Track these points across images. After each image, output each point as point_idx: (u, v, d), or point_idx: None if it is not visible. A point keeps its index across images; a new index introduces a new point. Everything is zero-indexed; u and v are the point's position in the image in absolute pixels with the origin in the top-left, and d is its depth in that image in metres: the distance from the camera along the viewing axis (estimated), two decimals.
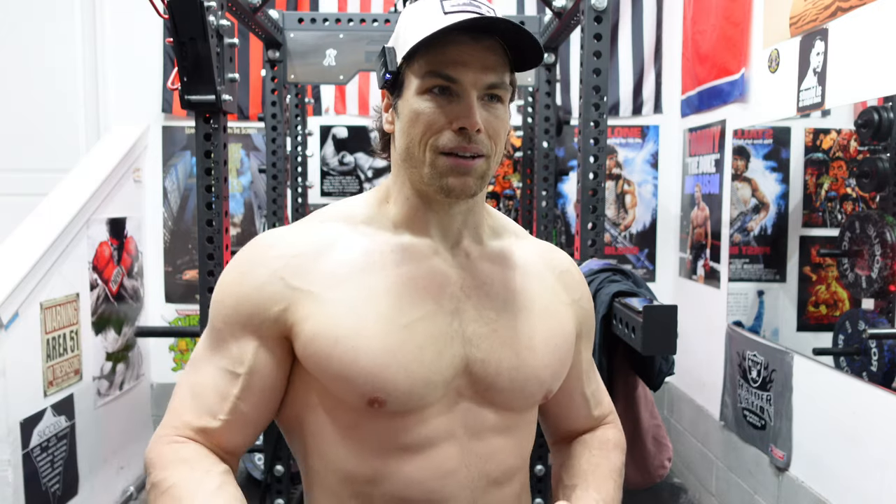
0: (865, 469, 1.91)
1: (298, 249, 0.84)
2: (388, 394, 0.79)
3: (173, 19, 1.52)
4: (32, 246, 2.48)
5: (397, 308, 0.82)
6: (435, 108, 0.80)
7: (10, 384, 2.25)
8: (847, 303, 2.15)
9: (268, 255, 0.84)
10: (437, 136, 0.80)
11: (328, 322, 0.80)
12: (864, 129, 1.97)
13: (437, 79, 0.79)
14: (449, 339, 0.83)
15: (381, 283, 0.83)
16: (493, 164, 0.83)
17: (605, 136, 1.76)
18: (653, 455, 1.71)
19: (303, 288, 0.82)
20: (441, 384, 0.82)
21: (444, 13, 0.78)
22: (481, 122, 0.79)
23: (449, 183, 0.81)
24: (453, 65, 0.78)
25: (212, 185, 1.72)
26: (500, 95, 0.82)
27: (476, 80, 0.79)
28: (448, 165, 0.80)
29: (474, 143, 0.80)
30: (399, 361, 0.80)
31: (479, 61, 0.79)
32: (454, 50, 0.78)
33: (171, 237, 3.51)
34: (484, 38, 0.79)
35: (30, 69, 3.42)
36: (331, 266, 0.83)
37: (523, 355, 0.85)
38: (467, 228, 0.89)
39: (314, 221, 0.89)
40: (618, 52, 3.43)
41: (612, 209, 3.54)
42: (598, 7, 1.71)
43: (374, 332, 0.80)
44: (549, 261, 0.95)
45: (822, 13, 2.08)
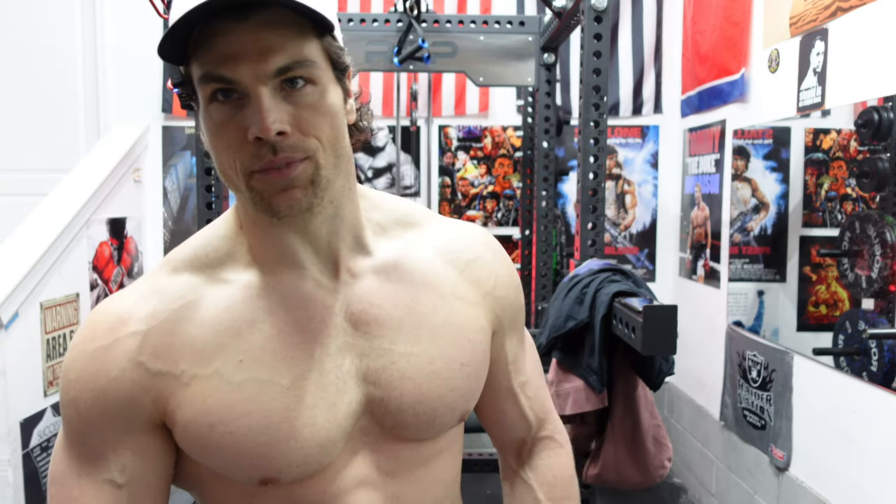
0: (865, 469, 1.91)
1: (154, 321, 0.69)
2: (279, 471, 0.69)
3: None
4: (32, 246, 2.48)
5: (276, 368, 0.69)
6: (225, 121, 0.64)
7: (10, 384, 2.25)
8: (847, 303, 2.15)
9: (119, 336, 0.68)
10: (240, 154, 0.64)
11: (200, 407, 0.68)
12: (864, 129, 1.97)
13: (214, 83, 0.63)
14: (342, 385, 0.72)
15: (254, 343, 0.69)
16: (326, 161, 0.67)
17: (605, 136, 1.76)
18: (653, 455, 1.71)
19: (166, 371, 0.68)
20: (340, 438, 0.72)
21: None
22: (283, 122, 0.63)
23: (273, 204, 0.66)
24: (223, 61, 0.62)
25: (212, 185, 1.72)
26: (303, 75, 0.64)
27: (257, 72, 0.62)
28: (265, 184, 0.65)
29: (283, 152, 0.64)
30: (287, 433, 0.68)
31: (254, 46, 0.61)
32: (221, 41, 0.61)
33: (171, 237, 3.51)
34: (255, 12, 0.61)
35: (30, 69, 3.42)
36: (193, 336, 0.69)
37: (425, 385, 0.74)
38: (341, 240, 0.74)
39: (162, 275, 0.73)
40: (618, 52, 3.43)
41: (612, 209, 3.54)
42: (598, 7, 1.72)
43: (253, 406, 0.68)
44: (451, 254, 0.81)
45: (822, 13, 2.08)
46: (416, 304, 0.76)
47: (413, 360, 0.74)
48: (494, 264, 0.84)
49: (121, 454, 0.69)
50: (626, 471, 1.72)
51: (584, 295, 1.65)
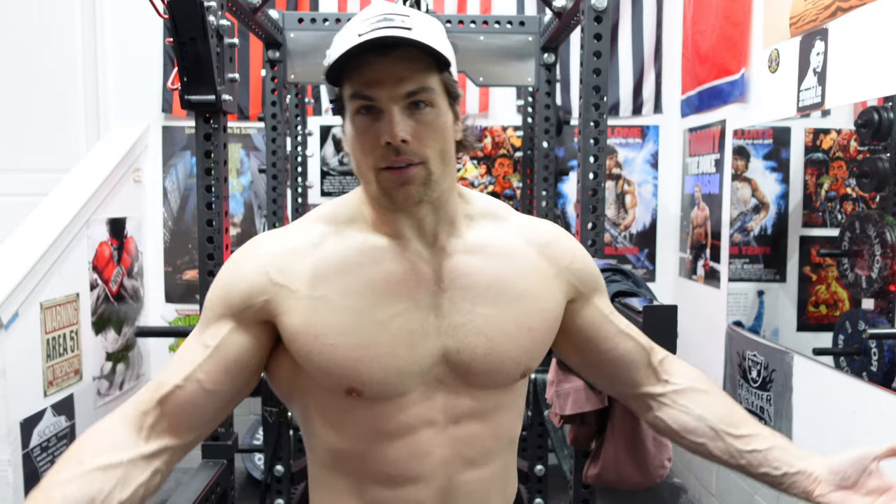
0: None
1: (284, 249, 0.91)
2: (363, 384, 0.87)
3: (173, 19, 1.52)
4: (32, 246, 2.48)
5: (373, 305, 0.88)
6: (365, 129, 0.85)
7: (10, 384, 2.25)
8: (847, 303, 2.15)
9: (257, 253, 0.92)
10: (373, 154, 0.85)
11: (308, 319, 0.87)
12: (864, 129, 1.97)
13: (360, 100, 0.84)
14: (424, 334, 0.89)
15: (359, 281, 0.89)
16: (436, 167, 0.87)
17: (605, 136, 1.76)
18: (653, 455, 1.70)
19: (285, 284, 0.88)
20: (416, 374, 0.89)
21: (358, 35, 0.82)
22: (406, 133, 0.83)
23: (393, 196, 0.86)
24: (368, 85, 0.83)
25: (212, 185, 1.73)
26: (425, 100, 0.85)
27: (392, 94, 0.83)
28: (388, 180, 0.86)
29: (403, 154, 0.84)
30: (373, 355, 0.87)
31: (391, 75, 0.83)
32: (367, 70, 0.83)
33: (171, 237, 3.51)
34: (395, 50, 0.82)
35: (30, 69, 3.42)
36: (313, 265, 0.89)
37: (496, 340, 0.91)
38: (441, 225, 0.92)
39: (304, 222, 0.95)
40: (618, 52, 3.43)
41: (612, 209, 3.54)
42: (598, 7, 1.71)
43: (349, 327, 0.87)
44: (531, 237, 0.98)
45: (822, 13, 2.08)
46: (500, 276, 0.93)
47: (489, 320, 0.91)
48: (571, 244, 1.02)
49: (221, 328, 0.90)
50: (626, 471, 1.72)
51: None
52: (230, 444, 1.81)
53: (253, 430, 3.40)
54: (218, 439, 1.79)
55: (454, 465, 0.92)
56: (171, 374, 0.89)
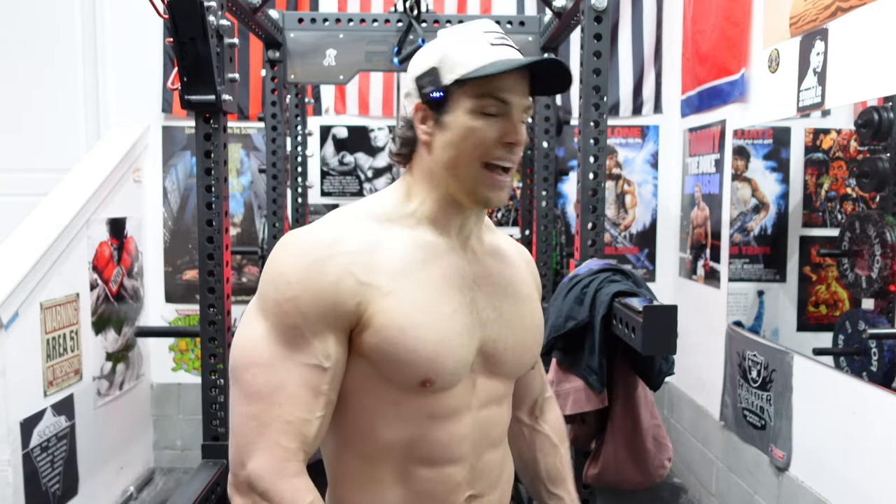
0: (865, 469, 1.91)
1: (358, 245, 0.91)
2: (438, 375, 0.91)
3: (173, 19, 1.52)
4: (32, 246, 2.48)
5: (440, 299, 0.93)
6: (487, 126, 0.92)
7: (10, 384, 2.25)
8: (847, 303, 2.15)
9: (334, 251, 0.89)
10: (486, 150, 0.93)
11: (394, 314, 0.89)
12: (864, 129, 1.97)
13: (493, 100, 0.92)
14: (472, 326, 0.96)
15: (428, 276, 0.94)
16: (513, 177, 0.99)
17: (605, 136, 1.76)
18: (653, 455, 1.71)
19: (371, 283, 0.89)
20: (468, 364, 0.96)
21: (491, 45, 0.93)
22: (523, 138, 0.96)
23: (489, 196, 0.95)
24: (506, 90, 0.93)
25: (212, 185, 1.73)
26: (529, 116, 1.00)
27: (519, 103, 0.94)
28: (489, 180, 0.94)
29: (514, 155, 0.95)
30: (448, 347, 0.92)
31: (521, 88, 0.95)
32: (507, 79, 0.93)
33: (171, 237, 3.51)
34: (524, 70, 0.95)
35: (30, 70, 3.42)
36: (385, 261, 0.91)
37: (520, 334, 1.02)
38: (476, 228, 1.03)
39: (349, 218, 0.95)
40: (618, 52, 3.43)
41: (612, 209, 3.54)
42: (598, 7, 1.71)
43: (429, 321, 0.91)
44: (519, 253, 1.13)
45: (822, 13, 2.08)
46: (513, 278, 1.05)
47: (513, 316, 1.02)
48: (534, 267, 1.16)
49: (327, 343, 0.89)
50: (626, 471, 1.72)
51: (584, 295, 1.65)
52: None
53: None
54: (218, 439, 1.79)
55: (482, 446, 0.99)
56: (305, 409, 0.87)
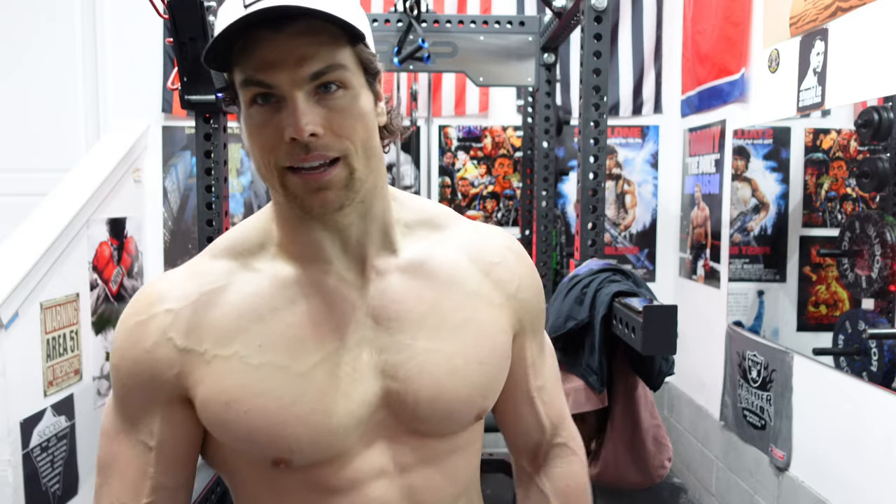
0: (865, 469, 1.91)
1: (187, 301, 0.75)
2: (291, 452, 0.73)
3: (173, 19, 1.52)
4: (32, 246, 2.48)
5: (293, 355, 0.74)
6: (264, 123, 0.69)
7: (10, 384, 2.25)
8: (847, 303, 2.15)
9: (156, 312, 0.75)
10: (276, 153, 0.69)
11: (218, 385, 0.73)
12: (864, 129, 1.97)
13: (254, 87, 0.68)
14: (358, 377, 0.75)
15: (274, 329, 0.74)
16: (359, 162, 0.71)
17: (605, 136, 1.76)
18: (653, 455, 1.71)
19: (191, 349, 0.74)
20: (353, 427, 0.75)
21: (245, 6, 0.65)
22: (316, 124, 0.67)
23: (306, 203, 0.70)
24: (262, 68, 0.67)
25: (212, 185, 1.73)
26: (336, 80, 0.69)
27: (293, 77, 0.66)
28: (298, 184, 0.70)
29: (315, 151, 0.68)
30: (298, 416, 0.72)
31: (290, 54, 0.66)
32: (260, 49, 0.66)
33: (171, 237, 3.51)
34: (291, 23, 0.66)
35: (30, 69, 3.42)
36: (219, 318, 0.74)
37: (444, 380, 0.77)
38: (370, 238, 0.78)
39: (205, 259, 0.79)
40: (618, 52, 3.43)
41: (612, 209, 3.54)
42: (598, 7, 1.71)
43: (267, 388, 0.73)
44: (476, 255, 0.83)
45: (822, 13, 2.08)
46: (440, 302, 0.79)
47: (433, 356, 0.77)
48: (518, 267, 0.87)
49: (151, 419, 0.76)
50: (626, 471, 1.72)
51: (584, 295, 1.65)
52: None
53: None
54: None
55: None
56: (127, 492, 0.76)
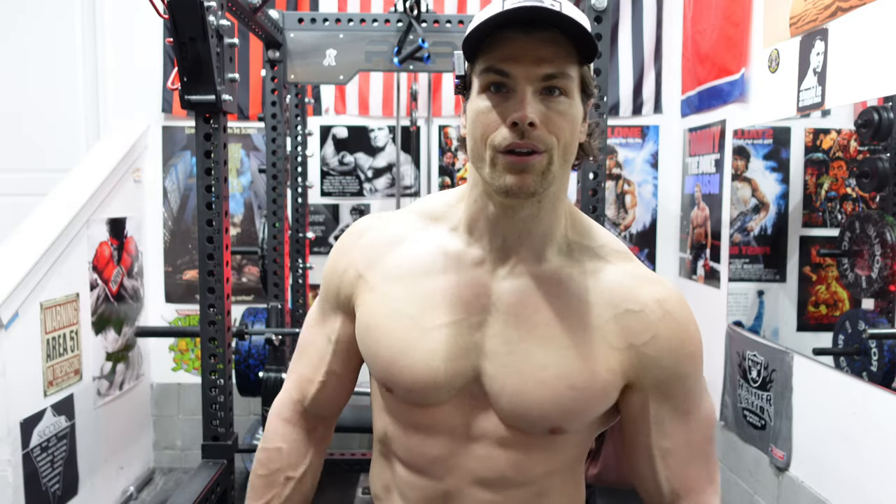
0: (865, 469, 1.91)
1: (376, 242, 0.94)
2: (394, 384, 0.90)
3: (173, 19, 1.51)
4: (32, 246, 2.48)
5: (426, 312, 0.88)
6: (491, 106, 0.79)
7: (10, 384, 2.25)
8: (847, 303, 2.15)
9: (356, 244, 0.96)
10: (494, 134, 0.79)
11: (369, 311, 0.92)
12: (864, 129, 1.97)
13: (492, 74, 0.79)
14: (465, 350, 0.86)
15: (423, 286, 0.89)
16: (557, 160, 0.80)
17: (605, 136, 1.76)
18: None
19: (366, 277, 0.93)
20: (445, 389, 0.87)
21: (503, 9, 0.77)
22: (536, 116, 0.77)
23: (507, 181, 0.79)
24: (505, 60, 0.78)
25: (212, 185, 1.72)
26: (561, 87, 0.79)
27: (529, 73, 0.77)
28: (506, 163, 0.79)
29: (528, 139, 0.78)
30: (406, 361, 0.87)
31: (531, 54, 0.77)
32: (507, 45, 0.78)
33: (171, 237, 3.51)
34: (537, 31, 0.77)
35: (30, 69, 3.42)
36: (389, 262, 0.92)
37: (530, 384, 0.84)
38: (527, 240, 0.87)
39: (404, 213, 0.98)
40: (618, 52, 3.43)
41: (612, 209, 3.54)
42: (598, 7, 1.71)
43: (395, 329, 0.88)
44: (617, 298, 0.86)
45: (822, 13, 2.08)
46: (559, 320, 0.85)
47: (529, 360, 0.85)
48: (658, 324, 0.87)
49: (334, 321, 0.98)
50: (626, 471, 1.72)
51: None
52: (230, 444, 1.80)
53: (253, 430, 3.40)
54: (218, 439, 1.79)
55: (465, 479, 0.90)
56: (311, 369, 1.01)
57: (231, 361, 1.88)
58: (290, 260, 2.87)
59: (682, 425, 0.90)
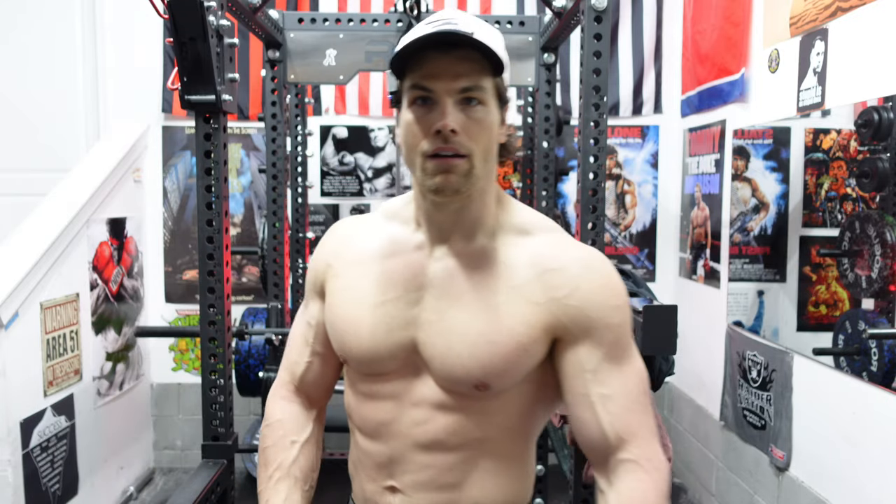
0: (865, 469, 1.91)
1: (343, 236, 1.10)
2: (349, 357, 1.03)
3: (173, 19, 1.52)
4: (32, 246, 2.48)
5: (371, 292, 1.01)
6: (418, 117, 0.92)
7: (10, 384, 2.25)
8: (847, 303, 2.15)
9: (330, 239, 1.11)
10: (422, 142, 0.92)
11: (333, 292, 1.06)
12: (864, 129, 1.97)
13: (417, 90, 0.92)
14: (403, 323, 0.99)
15: (373, 270, 1.02)
16: (478, 162, 0.93)
17: (605, 136, 1.76)
18: None
19: (333, 267, 1.07)
20: (388, 359, 1.00)
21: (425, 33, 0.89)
22: (456, 124, 0.90)
23: (435, 182, 0.92)
24: (427, 77, 0.91)
25: (212, 185, 1.72)
26: (477, 97, 0.92)
27: (448, 87, 0.90)
28: (432, 166, 0.92)
29: (451, 144, 0.90)
30: (355, 334, 1.01)
31: (449, 70, 0.90)
32: (429, 64, 0.91)
33: (171, 237, 3.51)
34: (455, 49, 0.90)
35: (30, 69, 3.42)
36: (350, 251, 1.06)
37: (454, 345, 0.95)
38: (459, 228, 0.99)
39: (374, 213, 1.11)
40: (618, 52, 3.43)
41: (612, 209, 3.54)
42: (598, 7, 1.71)
43: (348, 307, 1.03)
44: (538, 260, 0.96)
45: (822, 13, 2.08)
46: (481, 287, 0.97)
47: (454, 324, 0.96)
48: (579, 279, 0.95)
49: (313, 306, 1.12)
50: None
51: None
52: (230, 444, 1.81)
53: (253, 430, 3.40)
54: (218, 439, 1.79)
55: (405, 442, 1.00)
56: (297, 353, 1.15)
57: (231, 361, 1.88)
58: (290, 260, 2.87)
59: (618, 373, 0.96)
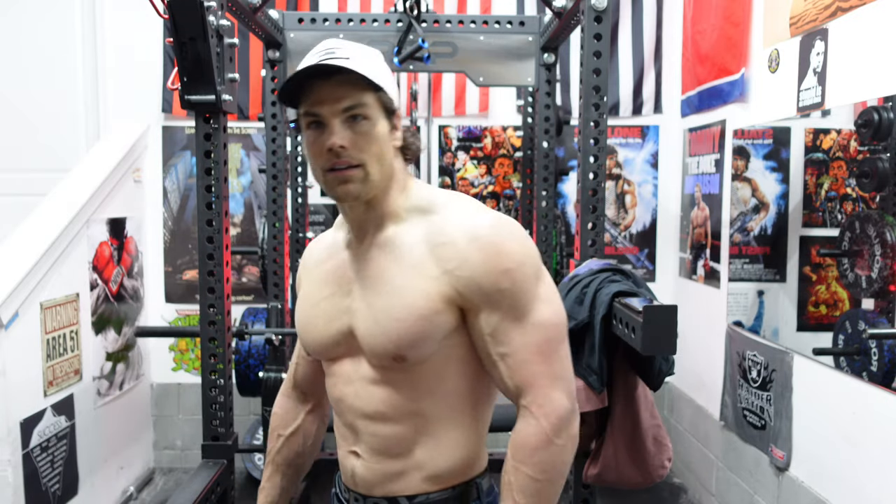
0: (865, 469, 1.91)
1: (309, 251, 1.26)
2: (308, 348, 1.21)
3: (173, 19, 1.52)
4: (32, 246, 2.48)
5: (318, 290, 1.18)
6: (313, 140, 1.05)
7: (10, 384, 2.25)
8: (847, 303, 2.15)
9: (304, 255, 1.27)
10: (320, 159, 1.05)
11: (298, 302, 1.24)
12: (864, 129, 1.97)
13: (309, 116, 1.04)
14: (338, 313, 1.13)
15: (320, 271, 1.19)
16: (373, 168, 1.05)
17: (605, 136, 1.76)
18: (653, 455, 1.71)
19: (302, 278, 1.24)
20: (333, 344, 1.14)
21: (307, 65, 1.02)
22: (344, 141, 1.02)
23: (337, 192, 1.06)
24: (314, 104, 1.03)
25: (212, 185, 1.73)
26: (361, 113, 1.03)
27: (332, 109, 1.03)
28: (331, 178, 1.05)
29: (343, 158, 1.03)
30: (307, 327, 1.18)
31: (332, 94, 1.02)
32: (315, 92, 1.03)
33: (171, 237, 3.51)
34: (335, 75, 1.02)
35: (30, 69, 3.42)
36: (310, 263, 1.23)
37: (370, 327, 1.09)
38: (371, 225, 1.11)
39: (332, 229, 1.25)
40: (618, 52, 3.43)
41: (612, 209, 3.54)
42: (598, 7, 1.71)
43: (304, 309, 1.20)
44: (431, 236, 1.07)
45: (822, 13, 2.08)
46: (387, 270, 1.09)
47: (369, 309, 1.10)
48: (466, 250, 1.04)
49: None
50: (626, 471, 1.72)
51: (584, 295, 1.65)
52: (230, 444, 1.81)
53: (253, 430, 3.40)
54: (218, 439, 1.79)
55: (356, 414, 1.13)
56: (294, 355, 1.33)
57: (231, 361, 1.88)
58: (290, 260, 2.87)
59: (516, 331, 1.06)
